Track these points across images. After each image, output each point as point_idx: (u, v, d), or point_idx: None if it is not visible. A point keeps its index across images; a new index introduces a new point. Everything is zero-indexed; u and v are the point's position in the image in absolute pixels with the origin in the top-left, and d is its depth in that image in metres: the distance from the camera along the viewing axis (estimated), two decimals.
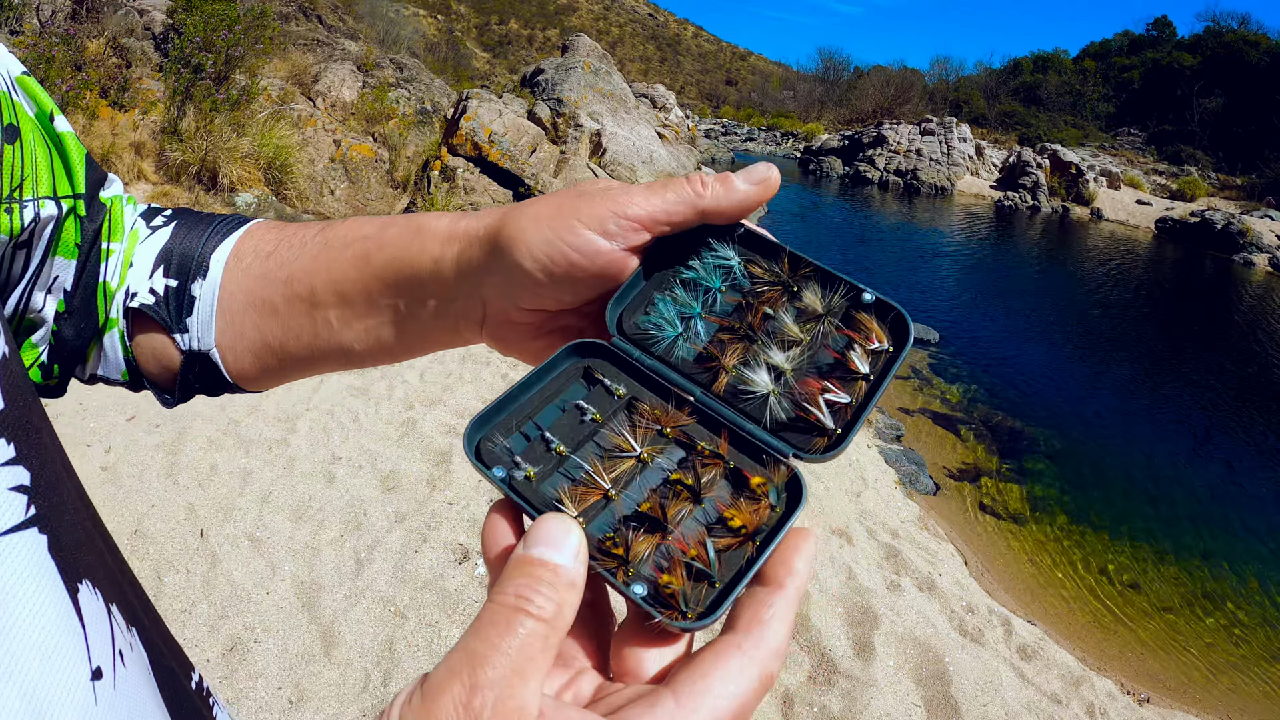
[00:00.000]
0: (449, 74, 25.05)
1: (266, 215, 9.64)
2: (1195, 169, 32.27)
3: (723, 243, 0.63)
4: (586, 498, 0.53)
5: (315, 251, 0.66)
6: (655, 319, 0.62)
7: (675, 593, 0.48)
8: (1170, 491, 7.64)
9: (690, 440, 0.58)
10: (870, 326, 0.59)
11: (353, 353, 0.66)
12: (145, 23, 12.26)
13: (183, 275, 0.67)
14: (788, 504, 0.54)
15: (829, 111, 45.32)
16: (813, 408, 0.57)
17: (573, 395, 0.60)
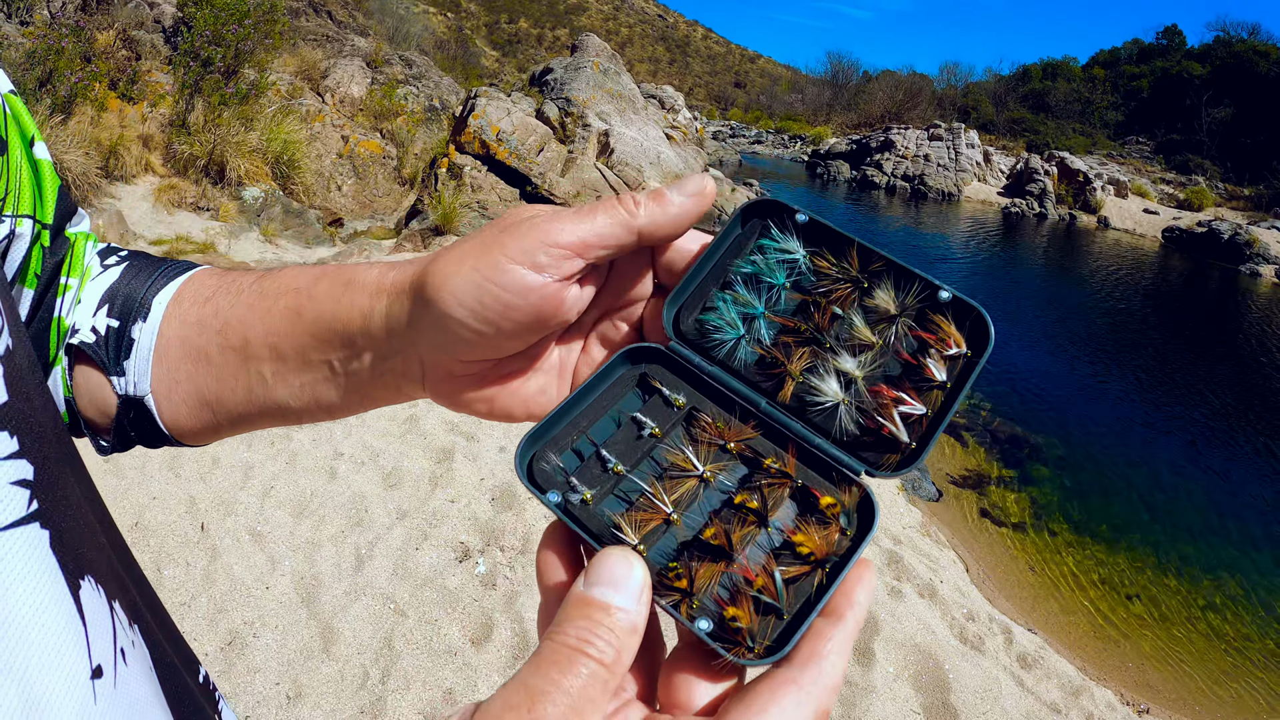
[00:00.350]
0: (458, 72, 25.08)
1: (273, 209, 9.65)
2: (1203, 179, 32.20)
3: (785, 233, 0.58)
4: (646, 523, 0.50)
5: (251, 300, 0.63)
6: (715, 319, 0.57)
7: (741, 628, 0.45)
8: (1173, 502, 7.62)
9: (754, 455, 0.54)
10: (947, 329, 0.54)
11: (289, 410, 0.63)
12: (155, 15, 12.28)
13: (124, 316, 0.64)
14: (859, 528, 0.50)
15: (837, 115, 45.30)
16: (885, 420, 0.53)
17: (628, 406, 0.56)
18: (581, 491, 0.51)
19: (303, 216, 9.97)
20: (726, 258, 0.58)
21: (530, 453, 0.52)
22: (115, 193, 8.49)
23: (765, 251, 0.58)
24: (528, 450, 0.52)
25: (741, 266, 0.58)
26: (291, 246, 9.22)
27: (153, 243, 7.77)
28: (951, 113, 40.38)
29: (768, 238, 0.58)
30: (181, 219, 8.61)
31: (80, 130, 8.39)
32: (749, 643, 0.45)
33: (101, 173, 8.44)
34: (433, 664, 3.15)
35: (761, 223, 0.59)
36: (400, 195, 12.72)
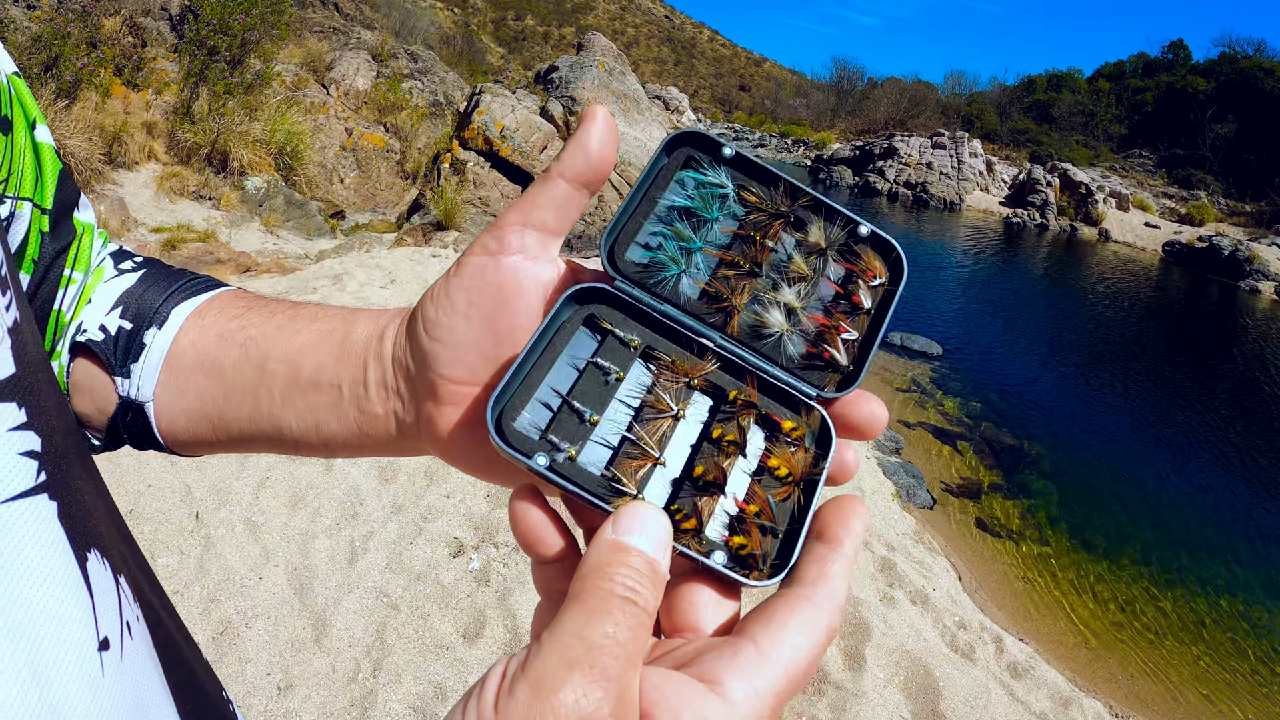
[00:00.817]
0: (463, 68, 25.09)
1: (275, 200, 9.64)
2: (1205, 194, 32.25)
3: (714, 167, 0.59)
4: (638, 469, 0.51)
5: (282, 322, 0.64)
6: (655, 255, 0.58)
7: (751, 553, 0.49)
8: (1167, 516, 7.63)
9: (716, 388, 0.56)
10: (869, 261, 0.58)
11: (288, 435, 0.62)
12: (162, 3, 12.28)
13: (138, 321, 0.65)
14: (820, 448, 0.54)
15: (841, 121, 45.33)
16: (828, 345, 0.56)
17: (581, 349, 0.56)
18: (565, 449, 0.51)
19: (304, 208, 9.97)
20: (655, 190, 0.59)
21: (497, 412, 0.51)
22: (118, 179, 8.49)
23: (695, 185, 0.59)
24: (495, 410, 0.51)
25: (674, 199, 0.59)
26: (293, 237, 9.22)
27: (154, 230, 7.77)
28: (955, 121, 40.42)
29: (695, 170, 0.59)
30: (183, 207, 8.61)
31: (84, 116, 8.39)
32: (760, 565, 0.49)
33: (105, 159, 8.43)
34: (424, 658, 3.15)
35: (687, 154, 0.60)
36: (403, 189, 12.71)
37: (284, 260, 8.10)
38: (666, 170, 0.59)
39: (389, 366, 0.59)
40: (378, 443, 0.62)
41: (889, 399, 9.20)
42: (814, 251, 0.59)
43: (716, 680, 0.38)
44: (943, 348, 11.05)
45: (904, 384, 9.69)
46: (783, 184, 0.59)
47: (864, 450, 7.01)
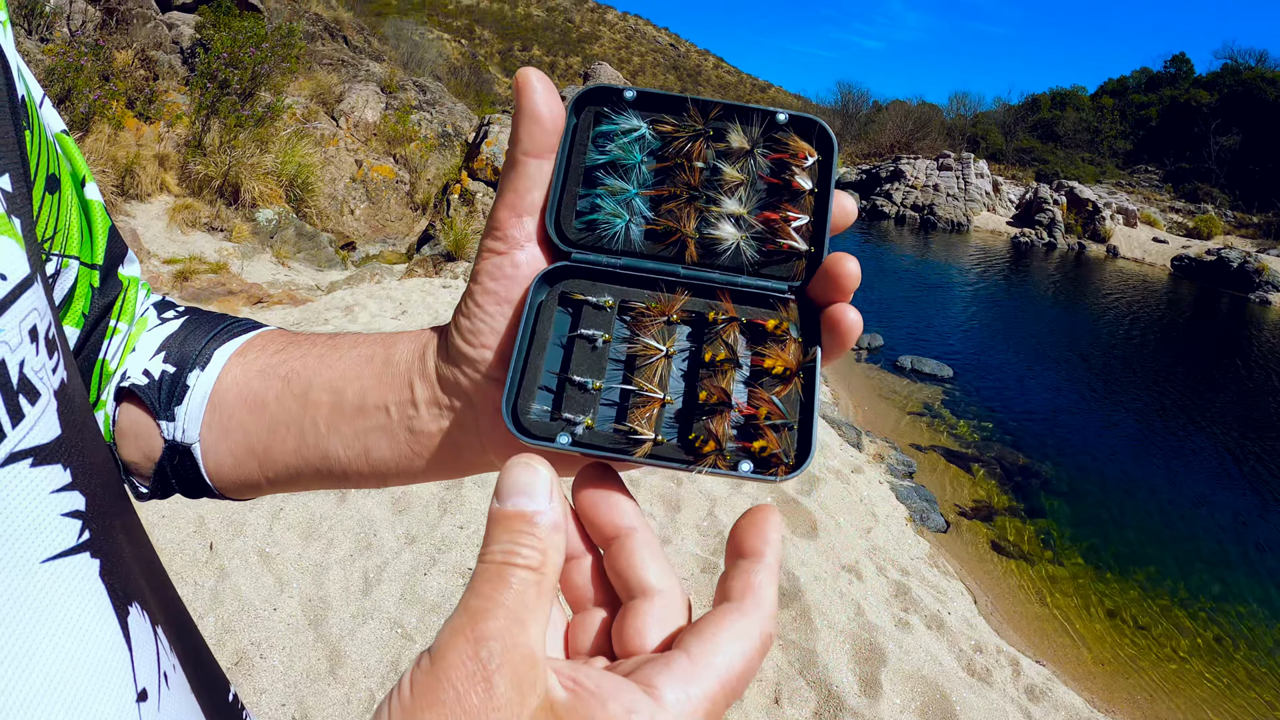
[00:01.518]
0: (471, 98, 25.33)
1: (286, 231, 9.73)
2: (1212, 207, 32.17)
3: (621, 113, 0.61)
4: (649, 414, 0.55)
5: (322, 352, 0.65)
6: (597, 216, 0.60)
7: (773, 453, 0.52)
8: (1184, 533, 7.57)
9: (695, 314, 0.59)
10: (797, 144, 0.60)
11: (337, 464, 0.63)
12: (174, 36, 12.46)
13: (181, 364, 0.66)
14: (806, 331, 0.57)
15: (847, 145, 45.45)
16: (783, 238, 0.59)
17: (563, 326, 0.59)
18: (580, 420, 0.55)
19: (315, 239, 10.06)
20: (577, 154, 0.61)
21: (511, 410, 0.55)
22: (130, 211, 8.59)
23: (610, 137, 0.61)
24: (509, 409, 0.55)
25: (596, 157, 0.61)
26: (304, 269, 9.30)
27: (166, 261, 7.85)
28: (961, 142, 40.50)
29: (607, 123, 0.61)
30: (195, 239, 8.70)
31: (97, 148, 8.50)
32: (785, 459, 0.52)
33: (117, 190, 8.54)
34: None
35: (595, 110, 0.62)
36: (412, 220, 12.81)
37: (295, 291, 8.16)
38: (580, 131, 0.61)
39: (436, 384, 0.61)
40: (432, 463, 0.63)
41: (901, 422, 9.18)
42: (741, 155, 0.61)
43: (650, 684, 0.40)
44: (953, 370, 11.03)
45: (915, 407, 9.67)
46: (690, 104, 0.61)
47: (876, 474, 6.99)
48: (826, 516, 5.40)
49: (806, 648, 3.97)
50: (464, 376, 0.60)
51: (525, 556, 0.41)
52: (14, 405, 0.38)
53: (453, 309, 3.45)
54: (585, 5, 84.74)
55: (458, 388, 0.60)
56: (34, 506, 0.38)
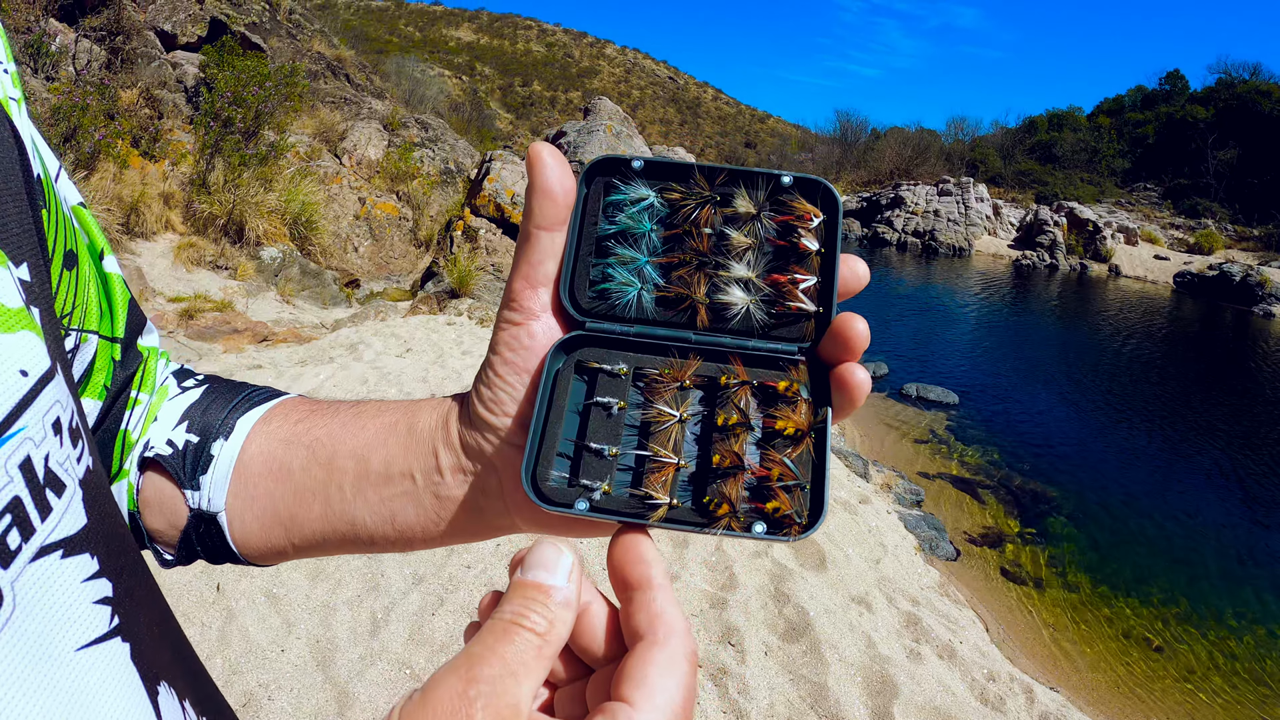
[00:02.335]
0: (473, 134, 25.56)
1: (290, 269, 9.78)
2: (1212, 221, 32.20)
3: (629, 182, 0.63)
4: (664, 479, 0.57)
5: (346, 419, 0.67)
6: (609, 285, 0.62)
7: (786, 514, 0.54)
8: (1195, 553, 7.51)
9: (707, 379, 0.61)
10: (802, 205, 0.62)
11: (363, 530, 0.65)
12: (178, 75, 12.60)
13: (205, 434, 0.67)
14: (817, 392, 0.58)
15: (847, 173, 45.65)
16: (791, 300, 0.60)
17: (579, 394, 0.61)
18: (598, 486, 0.57)
19: (320, 277, 10.11)
20: (588, 225, 0.63)
21: (530, 478, 0.57)
22: (135, 249, 8.65)
23: (620, 206, 0.63)
24: (528, 477, 0.57)
25: (607, 227, 0.63)
26: (308, 306, 9.34)
27: (171, 300, 7.90)
28: (960, 167, 40.67)
29: (616, 193, 0.63)
30: (200, 277, 8.75)
31: (102, 186, 8.59)
32: (798, 519, 0.54)
33: (122, 229, 8.61)
34: None
35: (605, 180, 0.63)
36: (416, 257, 12.88)
37: (300, 330, 8.19)
38: (591, 201, 0.63)
39: (460, 452, 0.63)
40: (457, 527, 0.65)
41: (908, 450, 9.15)
42: (748, 219, 0.62)
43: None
44: (959, 396, 11.01)
45: (922, 434, 9.64)
46: (696, 171, 0.63)
47: (884, 504, 6.96)
48: (835, 548, 5.38)
49: (817, 682, 3.94)
50: (486, 443, 0.62)
51: (533, 621, 0.43)
52: (42, 500, 0.39)
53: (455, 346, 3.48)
54: (585, 40, 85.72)
55: (481, 454, 0.62)
56: (67, 597, 0.40)
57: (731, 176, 0.62)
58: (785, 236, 0.62)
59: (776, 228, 0.62)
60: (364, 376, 6.69)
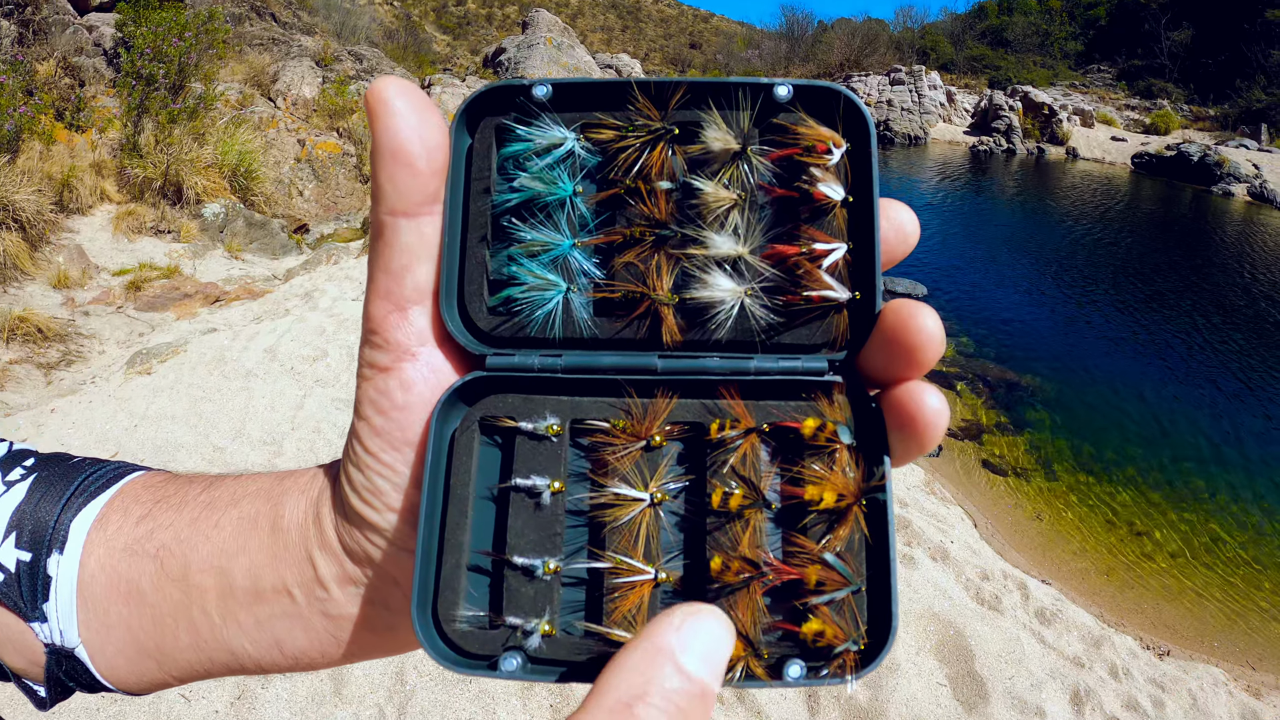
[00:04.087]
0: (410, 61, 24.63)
1: (235, 224, 9.43)
2: (1167, 102, 32.19)
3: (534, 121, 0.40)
4: (634, 602, 0.37)
5: (195, 514, 0.50)
6: (518, 291, 0.40)
7: (832, 639, 0.36)
8: (1170, 431, 7.61)
9: (688, 427, 0.40)
10: (811, 131, 0.40)
11: (246, 658, 0.49)
12: (95, 39, 11.97)
13: (36, 547, 0.50)
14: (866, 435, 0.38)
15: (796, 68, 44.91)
16: (810, 284, 0.39)
17: (489, 471, 0.40)
18: (535, 627, 0.38)
19: (266, 227, 9.76)
20: (477, 195, 0.41)
21: (430, 619, 0.38)
22: (73, 226, 8.26)
23: (523, 160, 0.41)
24: (424, 621, 0.38)
25: (506, 197, 0.41)
26: (258, 259, 9.03)
27: (116, 274, 7.57)
28: (911, 56, 40.15)
29: (515, 139, 0.41)
30: (143, 245, 8.39)
31: (29, 166, 8.13)
32: (854, 645, 0.36)
33: (56, 208, 8.19)
34: (448, 695, 3.06)
35: (495, 122, 0.41)
36: (364, 193, 12.50)
37: (252, 285, 7.92)
38: (478, 159, 0.41)
39: (343, 558, 0.46)
40: (367, 649, 0.49)
41: None
42: (727, 160, 0.40)
43: None
44: (926, 288, 10.96)
45: None
46: (637, 90, 0.39)
47: None
48: None
49: None
50: (372, 545, 0.45)
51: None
52: None
53: None
54: None
55: (369, 560, 0.45)
56: None
57: (694, 92, 0.40)
58: (790, 182, 0.40)
59: (774, 168, 0.40)
60: (321, 326, 6.49)
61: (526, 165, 0.40)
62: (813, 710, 3.36)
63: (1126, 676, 4.10)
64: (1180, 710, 3.96)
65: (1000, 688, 3.68)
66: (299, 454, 4.65)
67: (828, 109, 0.40)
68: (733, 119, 0.40)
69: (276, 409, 5.08)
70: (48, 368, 5.58)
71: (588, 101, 0.41)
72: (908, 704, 3.46)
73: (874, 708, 3.41)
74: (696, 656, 0.31)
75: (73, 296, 6.92)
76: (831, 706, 3.38)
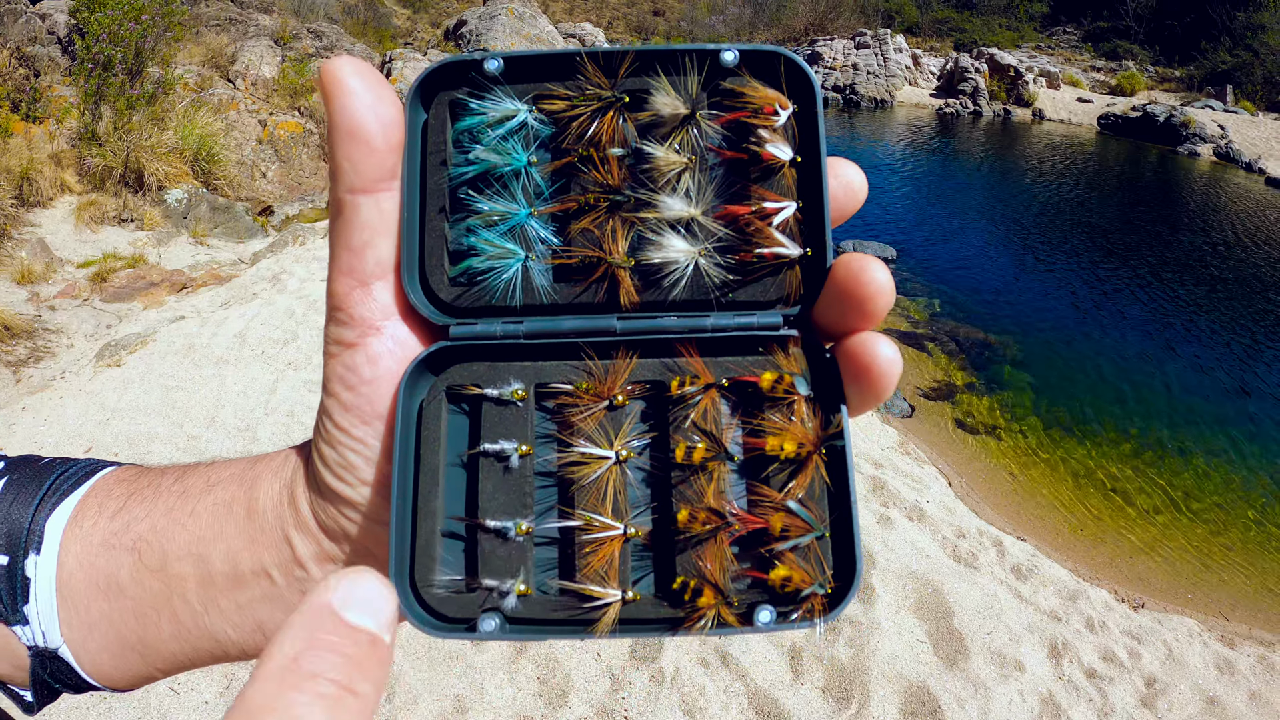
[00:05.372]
0: (370, 36, 24.25)
1: (199, 209, 9.29)
2: (1133, 63, 32.34)
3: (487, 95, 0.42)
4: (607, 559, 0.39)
5: (171, 503, 0.50)
6: (480, 259, 0.42)
7: (799, 584, 0.38)
8: (1140, 388, 7.73)
9: (650, 385, 0.42)
10: (757, 94, 0.42)
11: (230, 644, 0.50)
12: (49, 26, 11.70)
13: (13, 550, 0.51)
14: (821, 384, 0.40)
15: (761, 32, 44.65)
16: (762, 241, 0.41)
17: (458, 439, 0.42)
18: (511, 587, 0.39)
19: (230, 211, 9.63)
20: (433, 169, 0.43)
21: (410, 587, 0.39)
22: (34, 220, 8.11)
23: (478, 134, 0.43)
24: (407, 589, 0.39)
25: (462, 170, 0.43)
26: (224, 244, 8.92)
27: (80, 266, 7.45)
28: (875, 19, 40.00)
29: (469, 113, 0.43)
30: (107, 235, 8.26)
31: None
32: (821, 588, 0.38)
33: (16, 202, 8.03)
34: (436, 673, 3.08)
35: (449, 98, 0.43)
36: (327, 173, 12.35)
37: (219, 270, 7.83)
38: (434, 133, 0.43)
39: (319, 534, 0.47)
40: None
41: None
42: (678, 124, 0.42)
43: None
44: (896, 250, 11.02)
45: None
46: (586, 60, 0.42)
47: None
48: None
49: None
50: (347, 520, 0.46)
51: (364, 691, 0.30)
52: None
53: None
54: None
55: (346, 535, 0.46)
56: None
57: (643, 60, 0.41)
58: (739, 144, 0.42)
59: (723, 131, 0.42)
60: (290, 309, 6.43)
61: (481, 138, 0.42)
62: (796, 671, 3.41)
63: (1102, 629, 4.19)
64: (1156, 661, 4.07)
65: (979, 643, 3.76)
66: (274, 438, 4.62)
67: (774, 72, 0.42)
68: (681, 85, 0.42)
69: (249, 395, 5.05)
70: (16, 365, 5.50)
71: (539, 73, 0.42)
72: (889, 661, 3.53)
73: (856, 666, 3.47)
74: (356, 609, 0.32)
75: (38, 292, 6.80)
76: (814, 667, 3.43)
